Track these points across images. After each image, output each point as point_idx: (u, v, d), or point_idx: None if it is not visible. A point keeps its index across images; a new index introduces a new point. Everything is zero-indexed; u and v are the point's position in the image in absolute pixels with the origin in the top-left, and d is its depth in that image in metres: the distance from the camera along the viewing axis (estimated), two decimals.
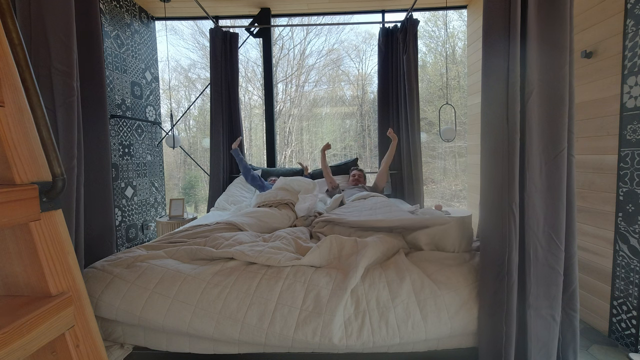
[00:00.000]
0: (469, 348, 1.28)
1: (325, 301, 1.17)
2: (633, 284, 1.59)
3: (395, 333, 1.15)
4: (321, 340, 1.12)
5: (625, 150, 1.61)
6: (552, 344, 1.17)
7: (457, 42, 6.58)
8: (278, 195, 2.43)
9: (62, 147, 1.11)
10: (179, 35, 6.86)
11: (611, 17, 1.68)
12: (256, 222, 2.00)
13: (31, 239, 0.61)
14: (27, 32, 1.06)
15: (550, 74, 1.14)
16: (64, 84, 1.12)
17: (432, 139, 6.77)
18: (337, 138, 7.26)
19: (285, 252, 1.43)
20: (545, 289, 1.16)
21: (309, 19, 6.39)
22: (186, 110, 5.41)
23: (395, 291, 1.22)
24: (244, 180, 3.33)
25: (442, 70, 6.62)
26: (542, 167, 1.15)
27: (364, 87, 7.18)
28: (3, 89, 0.59)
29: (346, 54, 7.18)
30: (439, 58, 6.87)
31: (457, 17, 6.28)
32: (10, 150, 0.59)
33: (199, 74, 7.26)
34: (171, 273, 1.28)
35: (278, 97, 7.15)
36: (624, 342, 1.64)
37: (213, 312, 1.18)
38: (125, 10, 3.07)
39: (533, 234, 1.15)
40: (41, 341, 0.58)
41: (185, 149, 5.55)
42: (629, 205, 1.60)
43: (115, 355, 1.24)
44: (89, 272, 1.31)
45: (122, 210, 3.01)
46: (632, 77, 1.57)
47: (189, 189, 7.27)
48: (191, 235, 1.73)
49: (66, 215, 1.08)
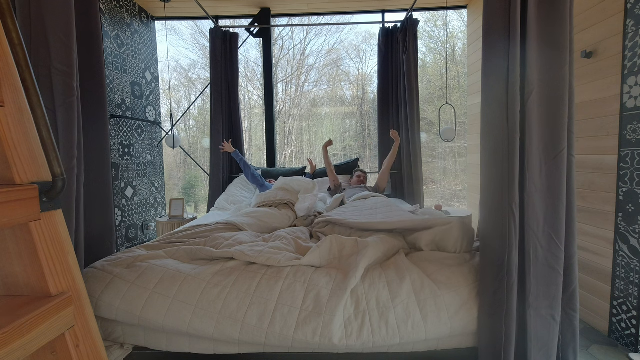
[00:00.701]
0: (469, 348, 1.28)
1: (325, 301, 1.17)
2: (633, 284, 1.59)
3: (395, 333, 1.15)
4: (321, 340, 1.12)
5: (625, 150, 1.61)
6: (552, 344, 1.17)
7: (457, 42, 6.58)
8: (278, 195, 2.43)
9: (62, 147, 1.11)
10: (179, 35, 6.86)
11: (611, 17, 1.68)
12: (256, 222, 2.00)
13: (31, 239, 0.61)
14: (27, 32, 1.06)
15: (550, 73, 1.14)
16: (64, 84, 1.12)
17: (432, 139, 6.77)
18: (337, 138, 7.25)
19: (285, 252, 1.43)
20: (545, 289, 1.16)
21: (309, 19, 6.40)
22: (186, 110, 5.41)
23: (396, 291, 1.22)
24: (244, 180, 3.33)
25: (442, 70, 6.62)
26: (542, 167, 1.15)
27: (364, 87, 7.18)
28: (3, 89, 0.59)
29: (346, 54, 7.19)
30: (439, 58, 6.87)
31: (456, 17, 6.28)
32: (10, 150, 0.59)
33: (199, 74, 7.26)
34: (171, 273, 1.28)
35: (278, 97, 7.15)
36: (624, 342, 1.64)
37: (213, 312, 1.18)
38: (125, 10, 3.07)
39: (533, 234, 1.15)
40: (41, 341, 0.58)
41: (185, 149, 5.55)
42: (629, 205, 1.60)
43: (115, 355, 1.24)
44: (88, 272, 1.31)
45: (122, 210, 3.01)
46: (632, 77, 1.57)
47: (189, 189, 7.27)
48: (191, 236, 1.73)
49: (66, 215, 1.08)
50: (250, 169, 3.05)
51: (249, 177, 3.07)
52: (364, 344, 1.14)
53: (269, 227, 2.02)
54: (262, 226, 2.00)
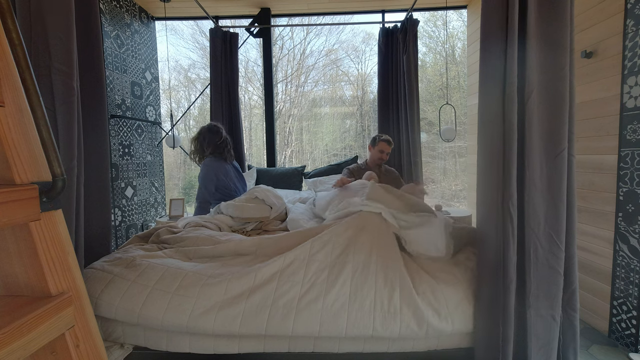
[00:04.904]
0: (468, 348, 1.28)
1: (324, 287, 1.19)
2: (633, 284, 1.59)
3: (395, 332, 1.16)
4: (321, 328, 1.16)
5: (625, 150, 1.61)
6: (552, 344, 1.17)
7: (457, 43, 6.58)
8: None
9: (62, 147, 1.11)
10: (179, 35, 6.87)
11: (611, 17, 1.68)
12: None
13: (31, 239, 0.61)
14: (27, 32, 1.06)
15: (550, 73, 1.14)
16: (64, 84, 1.12)
17: (432, 139, 6.77)
18: (337, 138, 7.26)
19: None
20: (545, 289, 1.16)
21: (309, 19, 6.40)
22: (186, 110, 5.41)
23: (392, 289, 1.23)
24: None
25: (442, 70, 6.63)
26: (543, 167, 1.15)
27: (364, 87, 7.18)
28: (3, 89, 0.59)
29: (346, 54, 7.19)
30: (439, 58, 6.87)
31: (456, 17, 6.28)
32: (10, 150, 0.59)
33: (198, 74, 7.26)
34: (172, 270, 1.30)
35: (278, 97, 7.15)
36: (624, 342, 1.64)
37: (214, 305, 1.20)
38: (125, 10, 3.07)
39: (533, 234, 1.15)
40: (41, 341, 0.58)
41: (185, 149, 5.55)
42: (629, 205, 1.60)
43: (115, 355, 1.24)
44: (88, 272, 1.31)
45: (122, 210, 3.01)
46: (632, 77, 1.57)
47: (189, 189, 7.27)
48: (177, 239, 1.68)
49: (66, 215, 1.08)
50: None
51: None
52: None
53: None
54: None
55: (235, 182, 2.51)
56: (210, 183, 2.30)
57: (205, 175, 2.30)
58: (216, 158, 2.40)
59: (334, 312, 1.18)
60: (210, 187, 2.30)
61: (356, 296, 1.22)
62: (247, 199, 2.10)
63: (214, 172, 2.33)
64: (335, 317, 1.18)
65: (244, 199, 2.10)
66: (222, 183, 2.36)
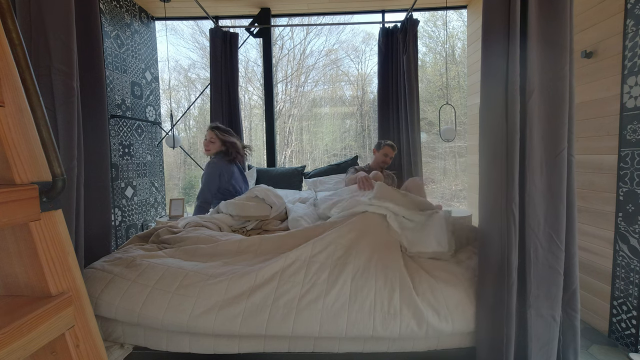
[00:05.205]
0: (469, 348, 1.28)
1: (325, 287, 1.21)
2: (633, 284, 1.59)
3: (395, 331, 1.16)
4: (321, 328, 1.17)
5: (625, 150, 1.61)
6: (552, 344, 1.17)
7: (457, 43, 6.58)
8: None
9: (62, 147, 1.11)
10: (179, 35, 6.87)
11: (611, 17, 1.68)
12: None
13: (31, 239, 0.61)
14: (27, 32, 1.06)
15: (550, 73, 1.14)
16: (64, 84, 1.12)
17: (432, 139, 6.78)
18: (337, 138, 7.26)
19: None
20: (545, 289, 1.16)
21: (309, 19, 6.40)
22: (186, 110, 5.41)
23: (392, 290, 1.23)
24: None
25: (441, 70, 6.63)
26: (543, 167, 1.15)
27: (364, 87, 7.19)
28: (3, 89, 0.59)
29: (346, 54, 7.19)
30: (439, 58, 6.87)
31: (456, 17, 6.29)
32: (10, 150, 0.59)
33: (198, 74, 7.26)
34: (173, 270, 1.30)
35: (278, 97, 7.15)
36: (624, 342, 1.64)
37: (214, 305, 1.20)
38: (125, 10, 3.07)
39: (533, 234, 1.15)
40: (41, 341, 0.58)
41: (185, 149, 5.55)
42: (629, 205, 1.60)
43: (115, 355, 1.24)
44: (88, 272, 1.31)
45: (122, 210, 3.01)
46: (632, 77, 1.57)
47: (189, 189, 7.27)
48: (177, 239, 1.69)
49: (66, 215, 1.08)
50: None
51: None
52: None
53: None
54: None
55: (241, 184, 2.53)
56: (214, 183, 2.31)
57: (209, 175, 2.32)
58: (223, 159, 2.41)
59: (334, 313, 1.18)
60: (212, 187, 2.31)
61: (356, 297, 1.22)
62: (248, 197, 2.10)
63: (218, 173, 2.34)
64: (335, 318, 1.18)
65: (245, 197, 2.11)
66: (224, 185, 2.37)
